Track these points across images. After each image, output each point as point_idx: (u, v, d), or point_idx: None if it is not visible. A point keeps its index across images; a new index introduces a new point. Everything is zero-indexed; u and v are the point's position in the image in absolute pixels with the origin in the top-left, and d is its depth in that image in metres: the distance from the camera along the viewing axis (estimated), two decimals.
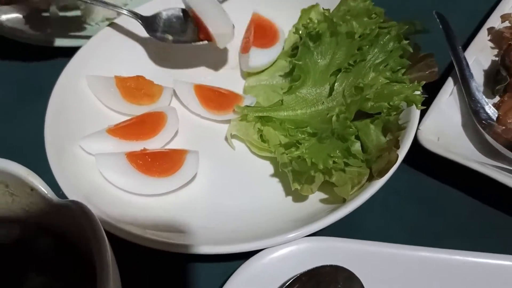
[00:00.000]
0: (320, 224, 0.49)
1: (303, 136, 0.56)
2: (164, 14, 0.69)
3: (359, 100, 0.54)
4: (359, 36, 0.61)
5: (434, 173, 0.60)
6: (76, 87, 0.66)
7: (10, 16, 0.83)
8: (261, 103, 0.66)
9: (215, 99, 0.66)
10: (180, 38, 0.68)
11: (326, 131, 0.54)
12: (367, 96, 0.53)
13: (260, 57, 0.70)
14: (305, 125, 0.59)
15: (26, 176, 0.46)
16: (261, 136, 0.62)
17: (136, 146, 0.61)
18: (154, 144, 0.62)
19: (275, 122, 0.61)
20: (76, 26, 0.83)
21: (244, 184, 0.60)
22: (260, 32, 0.72)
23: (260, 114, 0.62)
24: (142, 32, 0.71)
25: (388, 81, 0.56)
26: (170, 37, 0.68)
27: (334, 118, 0.53)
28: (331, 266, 0.46)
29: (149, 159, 0.58)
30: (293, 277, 0.46)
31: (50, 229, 0.48)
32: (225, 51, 0.74)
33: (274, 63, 0.70)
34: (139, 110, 0.66)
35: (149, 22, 0.69)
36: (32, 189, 0.46)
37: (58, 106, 0.63)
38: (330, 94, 0.62)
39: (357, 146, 0.53)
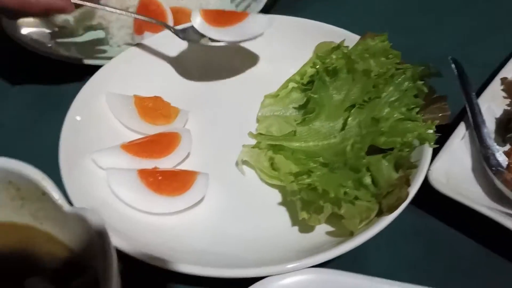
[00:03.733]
0: (325, 256, 0.49)
1: (315, 165, 0.57)
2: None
3: (374, 132, 0.54)
4: (375, 75, 0.63)
5: (442, 215, 0.60)
6: (95, 103, 0.68)
7: (34, 30, 0.86)
8: (273, 133, 0.67)
9: None
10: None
11: (338, 162, 0.55)
12: (382, 129, 0.54)
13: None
14: (317, 156, 0.59)
15: (40, 179, 0.46)
16: (272, 164, 0.62)
17: (148, 164, 0.61)
18: (166, 163, 0.62)
19: (287, 151, 0.62)
20: (99, 46, 0.86)
21: (251, 210, 0.60)
22: None
23: (273, 143, 0.62)
24: (163, 56, 0.74)
25: (403, 117, 0.57)
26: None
27: (348, 148, 0.53)
28: None
29: (160, 177, 0.59)
30: None
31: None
32: (246, 81, 0.75)
33: (288, 94, 0.71)
34: (154, 130, 0.67)
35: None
36: (44, 193, 0.46)
37: (75, 120, 0.64)
38: (343, 128, 0.63)
39: (368, 178, 0.53)
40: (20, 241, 0.49)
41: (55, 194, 0.46)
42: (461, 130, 0.63)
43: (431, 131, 0.55)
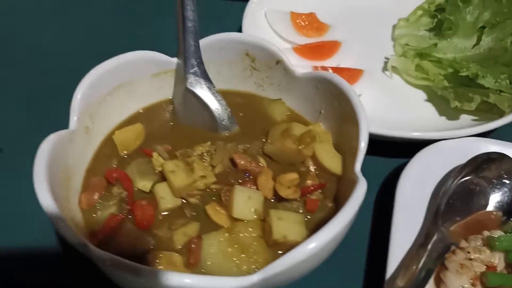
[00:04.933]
0: (485, 127, 0.63)
1: (465, 68, 0.69)
2: None
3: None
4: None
5: None
6: (257, 19, 0.80)
7: None
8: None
9: None
10: None
11: (486, 64, 0.68)
12: None
13: None
14: (461, 65, 0.72)
15: (277, 50, 0.59)
16: (417, 70, 0.75)
17: (316, 64, 0.74)
18: (329, 64, 0.75)
19: (433, 59, 0.74)
20: None
21: (401, 106, 0.73)
22: None
23: (421, 51, 0.75)
24: None
25: None
26: None
27: (508, 43, 0.66)
28: (499, 153, 0.58)
29: (329, 71, 0.72)
30: (470, 159, 0.58)
31: None
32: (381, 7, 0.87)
33: (418, 18, 0.83)
34: (307, 41, 0.80)
35: None
36: (278, 62, 0.59)
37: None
38: (477, 43, 0.75)
39: None
40: (245, 104, 0.63)
41: (289, 62, 0.59)
42: None
43: None
